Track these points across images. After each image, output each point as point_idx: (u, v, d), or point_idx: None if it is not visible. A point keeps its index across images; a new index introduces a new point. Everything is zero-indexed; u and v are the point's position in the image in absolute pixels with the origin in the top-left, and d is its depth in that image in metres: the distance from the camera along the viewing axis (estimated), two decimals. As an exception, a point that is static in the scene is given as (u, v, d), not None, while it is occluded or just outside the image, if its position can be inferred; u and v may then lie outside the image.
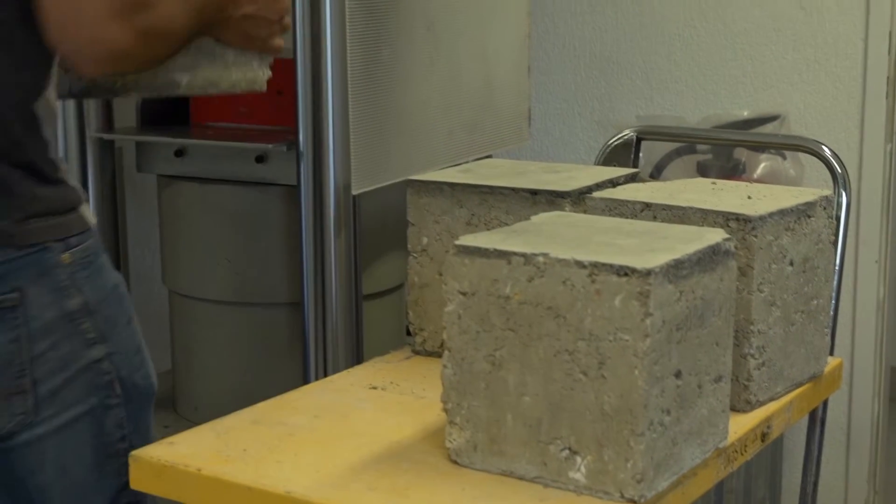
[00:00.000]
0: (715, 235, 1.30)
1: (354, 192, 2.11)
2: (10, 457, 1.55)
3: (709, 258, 1.26)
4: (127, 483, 1.48)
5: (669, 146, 2.86)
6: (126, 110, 2.49)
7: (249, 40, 1.66)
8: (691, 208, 1.46)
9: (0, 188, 1.46)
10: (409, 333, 1.71)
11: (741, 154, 2.83)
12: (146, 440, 1.60)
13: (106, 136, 2.43)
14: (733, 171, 2.81)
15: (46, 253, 1.50)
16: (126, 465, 1.44)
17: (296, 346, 2.30)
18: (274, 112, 2.37)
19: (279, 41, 1.67)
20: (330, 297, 2.19)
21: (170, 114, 2.50)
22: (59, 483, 1.59)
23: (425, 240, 1.65)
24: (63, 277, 1.51)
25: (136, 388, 1.62)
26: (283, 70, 2.27)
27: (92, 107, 2.41)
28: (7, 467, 1.57)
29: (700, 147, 2.85)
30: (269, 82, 1.76)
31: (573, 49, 3.11)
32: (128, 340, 1.61)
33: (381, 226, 2.42)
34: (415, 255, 1.66)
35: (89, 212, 1.58)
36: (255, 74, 1.74)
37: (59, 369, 1.53)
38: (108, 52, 1.41)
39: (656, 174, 2.85)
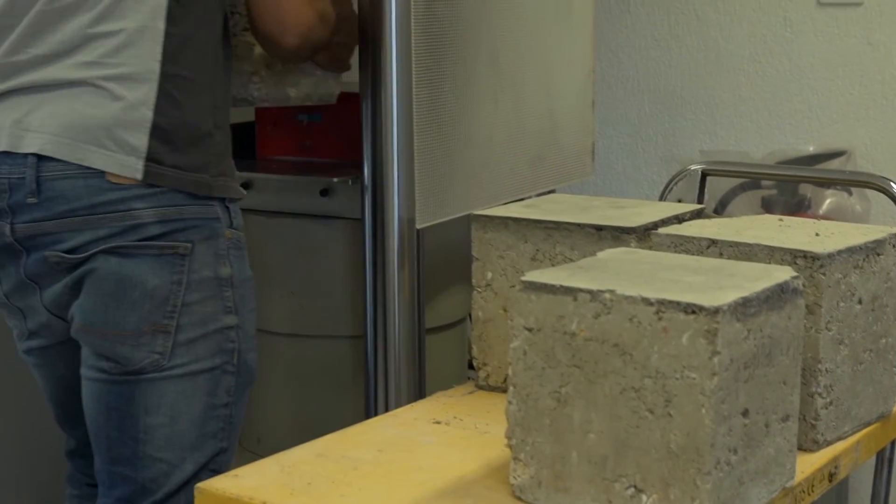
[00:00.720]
0: (783, 273, 1.29)
1: (419, 226, 2.12)
2: (134, 391, 1.78)
3: (777, 296, 1.25)
4: (222, 449, 1.74)
5: (734, 181, 2.85)
6: (193, 143, 2.52)
7: (336, 61, 2.19)
8: (758, 245, 1.45)
9: (204, 144, 1.79)
10: (471, 367, 1.71)
11: (807, 190, 2.81)
12: (241, 418, 1.87)
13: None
14: (798, 207, 2.79)
15: (216, 223, 1.81)
16: (225, 431, 1.72)
17: (358, 379, 2.30)
18: (339, 146, 2.39)
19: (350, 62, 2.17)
20: (393, 330, 2.19)
21: (236, 147, 2.52)
22: (167, 427, 1.80)
23: (489, 275, 1.65)
24: (223, 248, 1.82)
25: (247, 365, 1.87)
26: (349, 104, 2.30)
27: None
28: (126, 400, 1.79)
29: (765, 182, 2.84)
30: (335, 115, 2.20)
31: (637, 83, 3.10)
32: (250, 323, 1.88)
33: (443, 259, 2.43)
34: (479, 289, 1.66)
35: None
36: (332, 89, 2.22)
37: (200, 323, 1.79)
38: (304, 26, 1.90)
39: (720, 209, 2.84)
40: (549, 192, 2.51)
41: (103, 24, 1.74)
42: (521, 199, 2.38)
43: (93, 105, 1.74)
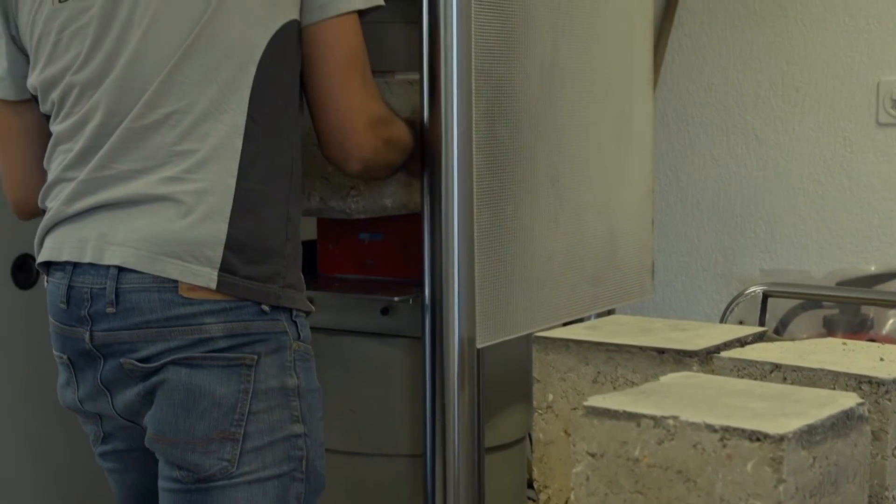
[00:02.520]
0: (848, 400, 1.28)
1: (479, 345, 2.12)
2: (206, 499, 1.83)
3: (842, 423, 1.24)
4: None
5: (795, 300, 2.83)
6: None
7: None
8: (822, 370, 1.44)
9: (275, 255, 1.85)
10: (531, 487, 1.70)
11: (869, 310, 2.79)
12: None
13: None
14: (861, 327, 2.77)
15: (283, 336, 1.85)
16: None
17: (417, 499, 2.29)
18: (400, 265, 2.40)
19: None
20: (452, 449, 2.19)
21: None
22: None
23: (551, 396, 1.65)
24: (289, 359, 1.86)
25: (316, 473, 1.92)
26: (410, 224, 2.32)
27: (223, 257, 2.47)
28: None
29: (826, 302, 2.82)
30: (396, 234, 2.28)
31: (696, 202, 3.11)
32: (318, 432, 1.93)
33: (502, 376, 2.42)
34: (540, 411, 1.66)
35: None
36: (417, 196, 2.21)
37: (267, 431, 1.83)
38: (366, 152, 1.96)
39: (781, 329, 2.82)
40: (609, 311, 2.51)
41: (185, 143, 1.82)
42: (581, 319, 2.38)
43: (171, 219, 1.81)
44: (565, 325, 2.29)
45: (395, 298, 2.28)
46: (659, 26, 2.95)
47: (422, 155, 2.15)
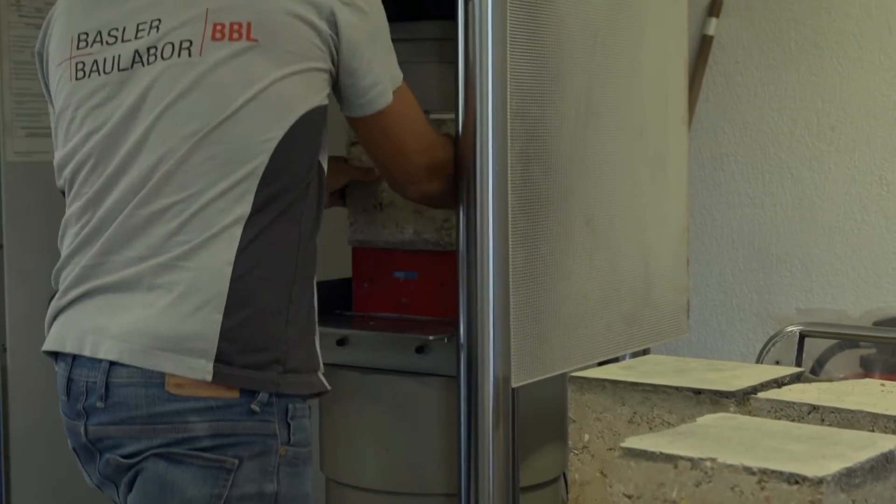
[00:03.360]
0: (887, 442, 1.27)
1: (514, 385, 2.12)
2: None
3: (882, 466, 1.24)
4: None
5: (832, 339, 2.82)
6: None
7: None
8: (860, 412, 1.43)
9: (274, 342, 1.81)
10: (566, 529, 1.69)
11: (906, 349, 2.77)
12: None
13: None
14: (898, 367, 2.75)
15: (270, 439, 1.80)
16: None
17: (452, 538, 2.28)
18: (435, 304, 2.41)
19: None
20: (486, 488, 2.18)
21: (333, 304, 2.56)
22: None
23: (586, 437, 1.65)
24: (272, 464, 1.80)
25: None
26: (445, 263, 2.32)
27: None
28: None
29: (863, 341, 2.80)
30: (431, 273, 2.36)
31: (731, 241, 3.11)
32: None
33: (537, 414, 2.42)
34: (576, 451, 1.65)
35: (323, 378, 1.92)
36: None
37: None
38: (431, 199, 2.14)
39: (818, 368, 2.81)
40: (645, 350, 2.50)
41: (185, 233, 1.80)
42: (617, 358, 2.38)
43: (165, 311, 1.79)
44: (600, 364, 2.28)
45: (430, 337, 2.29)
46: (693, 65, 2.95)
47: (457, 194, 2.16)
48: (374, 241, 2.45)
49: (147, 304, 1.80)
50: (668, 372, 1.65)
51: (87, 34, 1.92)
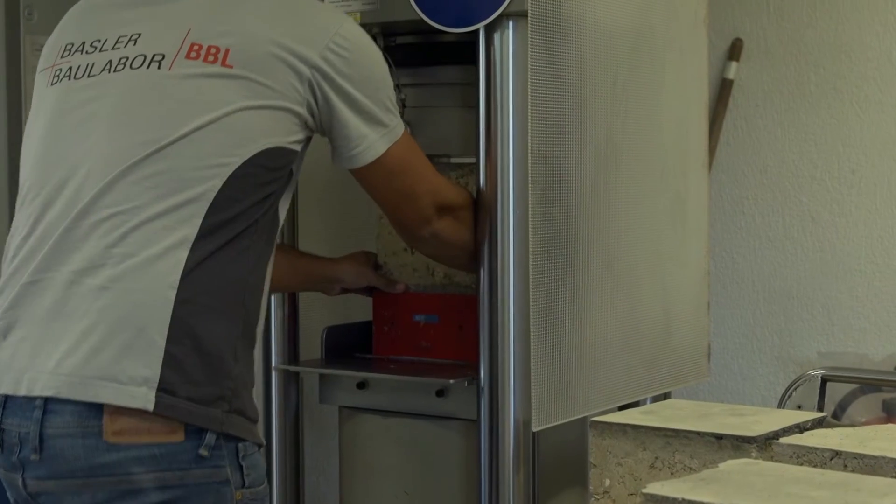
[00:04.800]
0: (911, 489, 1.26)
1: (535, 428, 2.12)
2: None
3: (905, 513, 1.23)
4: None
5: (854, 383, 2.80)
6: (311, 342, 2.56)
7: None
8: (884, 458, 1.43)
9: (220, 376, 1.71)
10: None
11: (929, 393, 2.75)
12: None
13: (291, 368, 2.49)
14: (921, 412, 2.73)
15: (223, 486, 1.69)
16: None
17: (472, 583, 2.27)
18: (455, 347, 2.41)
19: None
20: (507, 533, 2.17)
21: (353, 347, 2.56)
22: None
23: (608, 482, 1.64)
24: None
25: None
26: (465, 306, 2.32)
27: (278, 339, 2.49)
28: None
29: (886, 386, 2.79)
30: (451, 316, 2.36)
31: (752, 284, 3.10)
32: None
33: (558, 460, 2.41)
34: (597, 497, 1.65)
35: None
36: None
37: None
38: (442, 240, 2.12)
39: (840, 413, 2.79)
40: (665, 394, 2.49)
41: (123, 245, 1.71)
42: (637, 402, 2.37)
43: (103, 335, 1.68)
44: (621, 408, 2.28)
45: (451, 380, 2.29)
46: (713, 109, 2.95)
47: (477, 237, 2.17)
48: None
49: (84, 331, 1.68)
50: (689, 417, 1.65)
51: (72, 44, 1.89)
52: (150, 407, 1.65)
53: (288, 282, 2.37)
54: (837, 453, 1.46)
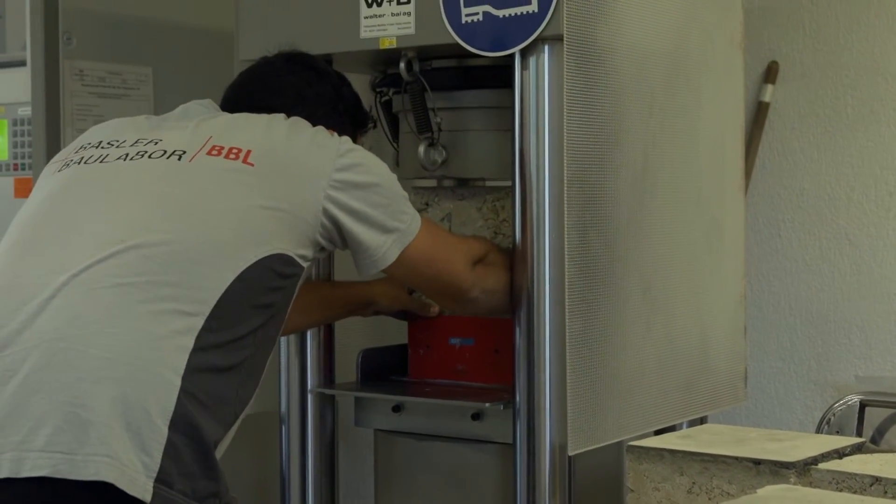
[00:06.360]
0: (952, 516, 1.25)
1: (571, 452, 2.11)
2: None
3: (947, 540, 1.22)
4: None
5: (893, 408, 2.78)
6: (347, 365, 2.56)
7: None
8: (924, 484, 1.42)
9: (217, 469, 1.67)
10: None
11: (969, 418, 2.73)
12: None
13: (327, 391, 2.49)
14: (961, 436, 2.71)
15: None
16: None
17: None
18: (491, 370, 2.41)
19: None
20: (543, 557, 2.17)
21: (389, 370, 2.56)
22: None
23: (645, 507, 1.64)
24: None
25: None
26: (501, 329, 2.32)
27: (314, 362, 2.49)
28: None
29: (924, 410, 2.76)
30: (487, 340, 2.41)
31: (788, 307, 3.08)
32: None
33: (594, 484, 2.40)
34: (634, 522, 1.64)
35: None
36: None
37: None
38: (492, 294, 2.18)
39: (878, 437, 2.77)
40: (702, 418, 2.48)
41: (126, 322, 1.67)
42: (673, 426, 2.36)
43: (103, 406, 1.60)
44: (657, 432, 2.27)
45: (487, 404, 2.28)
46: (749, 132, 2.94)
47: (513, 262, 2.17)
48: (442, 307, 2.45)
49: (80, 411, 1.58)
50: (726, 441, 1.64)
51: (91, 143, 1.95)
52: (148, 498, 1.58)
53: (322, 317, 2.42)
54: (877, 479, 1.45)
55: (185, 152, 1.85)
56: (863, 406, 2.45)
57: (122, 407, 1.59)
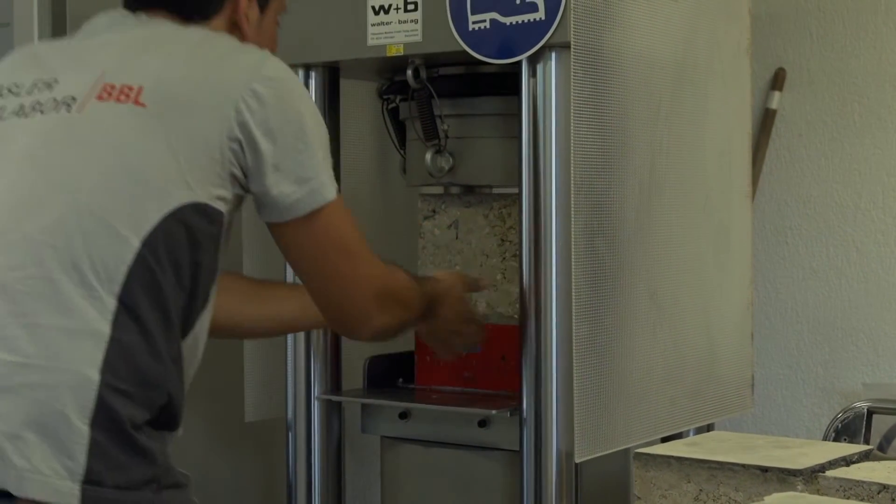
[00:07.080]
0: (960, 524, 1.25)
1: (578, 459, 2.11)
2: None
3: (955, 548, 1.22)
4: None
5: (899, 415, 2.77)
6: (353, 372, 2.56)
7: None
8: (932, 492, 1.41)
9: (150, 457, 1.58)
10: None
11: (976, 425, 2.72)
12: None
13: (333, 398, 2.49)
14: (968, 444, 2.70)
15: None
16: None
17: None
18: (498, 377, 2.41)
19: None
20: (549, 564, 2.17)
21: (395, 376, 2.56)
22: None
23: (652, 514, 1.64)
24: None
25: None
26: (508, 336, 2.32)
27: (319, 368, 2.49)
28: None
29: (932, 417, 2.76)
30: (494, 347, 2.35)
31: (795, 315, 3.08)
32: None
33: (601, 491, 2.40)
34: (641, 529, 1.64)
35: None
36: None
37: None
38: (376, 332, 1.92)
39: (885, 445, 2.76)
40: (709, 425, 2.48)
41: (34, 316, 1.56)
42: (680, 433, 2.36)
43: (19, 410, 1.52)
44: (664, 439, 2.27)
45: (493, 411, 2.28)
46: (756, 139, 2.94)
47: (521, 268, 2.17)
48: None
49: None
50: (733, 449, 1.64)
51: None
52: (75, 503, 1.51)
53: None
54: (885, 487, 1.45)
55: (75, 99, 1.67)
56: (870, 413, 2.45)
57: (35, 413, 1.52)
